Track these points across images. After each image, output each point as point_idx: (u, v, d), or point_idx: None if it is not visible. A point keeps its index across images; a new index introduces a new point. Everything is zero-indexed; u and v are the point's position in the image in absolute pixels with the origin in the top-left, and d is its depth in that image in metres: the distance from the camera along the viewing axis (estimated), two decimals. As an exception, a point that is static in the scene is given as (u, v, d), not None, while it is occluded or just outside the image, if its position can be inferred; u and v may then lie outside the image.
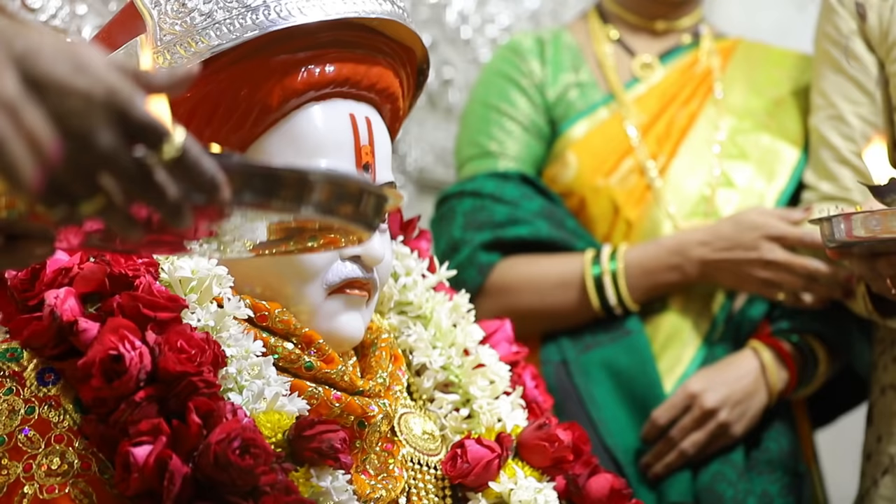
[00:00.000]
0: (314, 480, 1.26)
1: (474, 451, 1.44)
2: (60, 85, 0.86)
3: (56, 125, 0.86)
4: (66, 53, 0.87)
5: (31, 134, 0.84)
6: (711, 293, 2.08)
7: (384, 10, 1.38)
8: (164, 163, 0.89)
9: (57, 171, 0.87)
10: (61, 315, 1.24)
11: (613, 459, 1.96)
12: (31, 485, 1.21)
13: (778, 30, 2.85)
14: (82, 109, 0.87)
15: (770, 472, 2.00)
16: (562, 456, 1.50)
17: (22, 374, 1.25)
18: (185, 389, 1.21)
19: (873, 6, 1.92)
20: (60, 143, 0.86)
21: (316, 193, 0.96)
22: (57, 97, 0.86)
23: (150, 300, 1.25)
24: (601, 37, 2.23)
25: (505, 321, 1.64)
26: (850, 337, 2.06)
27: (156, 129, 0.89)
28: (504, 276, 2.05)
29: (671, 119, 2.15)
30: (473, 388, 1.51)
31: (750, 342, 2.04)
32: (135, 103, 0.89)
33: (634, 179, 2.10)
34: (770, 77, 2.21)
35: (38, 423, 1.23)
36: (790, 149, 2.13)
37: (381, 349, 1.44)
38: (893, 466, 1.90)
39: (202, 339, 1.24)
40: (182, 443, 1.19)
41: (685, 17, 2.24)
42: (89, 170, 0.88)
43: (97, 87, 0.87)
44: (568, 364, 2.03)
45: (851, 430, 2.01)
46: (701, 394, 1.97)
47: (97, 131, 0.87)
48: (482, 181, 2.11)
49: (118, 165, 0.89)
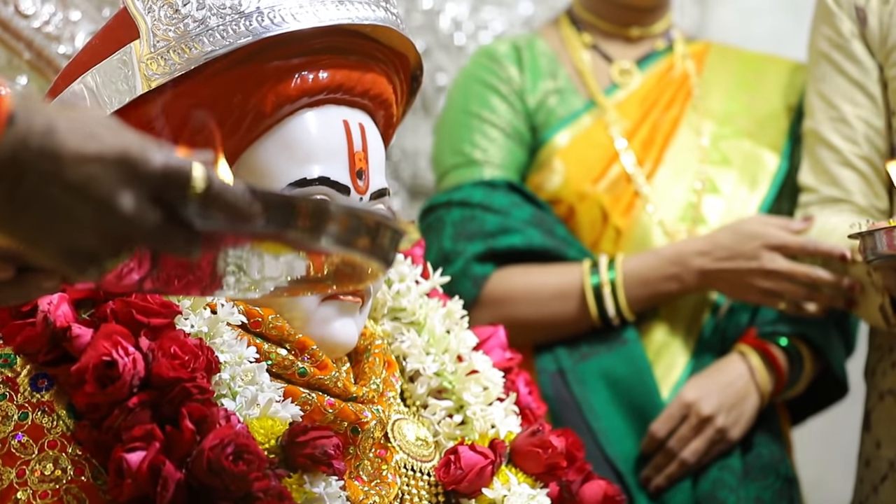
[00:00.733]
0: (307, 486, 1.26)
1: (468, 457, 1.44)
2: (75, 155, 0.89)
3: (78, 196, 0.89)
4: (78, 124, 0.90)
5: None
6: (700, 299, 2.08)
7: (378, 16, 1.38)
8: (193, 203, 0.91)
9: (85, 240, 0.91)
10: (55, 321, 1.24)
11: (615, 469, 1.96)
12: (25, 490, 1.21)
13: (773, 37, 2.85)
14: (99, 174, 0.89)
15: (763, 477, 2.00)
16: (555, 462, 1.50)
17: (15, 379, 1.25)
18: (178, 395, 1.21)
19: (873, 10, 1.92)
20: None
21: (333, 224, 0.97)
22: (74, 166, 0.89)
23: (143, 306, 1.25)
24: (576, 43, 2.22)
25: (498, 327, 1.64)
26: (831, 338, 2.07)
27: (176, 176, 0.91)
28: (499, 288, 2.04)
29: (654, 125, 2.15)
30: (467, 394, 1.51)
31: (737, 346, 2.04)
32: (148, 157, 0.91)
33: (622, 186, 2.10)
34: (744, 81, 2.21)
35: (31, 429, 1.23)
36: (770, 155, 2.14)
37: (375, 355, 1.44)
38: (893, 471, 1.90)
39: (195, 345, 1.24)
40: (175, 449, 1.19)
41: (658, 22, 2.23)
42: (114, 233, 0.91)
43: (109, 150, 0.90)
44: (565, 373, 2.02)
45: (843, 436, 2.01)
46: (696, 402, 1.97)
47: (117, 195, 0.90)
48: (470, 190, 2.09)
49: (143, 227, 0.91)
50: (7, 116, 0.88)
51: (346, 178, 1.37)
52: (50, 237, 0.91)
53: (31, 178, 0.88)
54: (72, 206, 0.90)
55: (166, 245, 0.93)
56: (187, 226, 0.92)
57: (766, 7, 3.21)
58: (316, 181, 1.36)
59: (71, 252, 0.92)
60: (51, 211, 0.90)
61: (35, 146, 0.88)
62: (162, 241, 0.92)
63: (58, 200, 0.90)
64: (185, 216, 0.92)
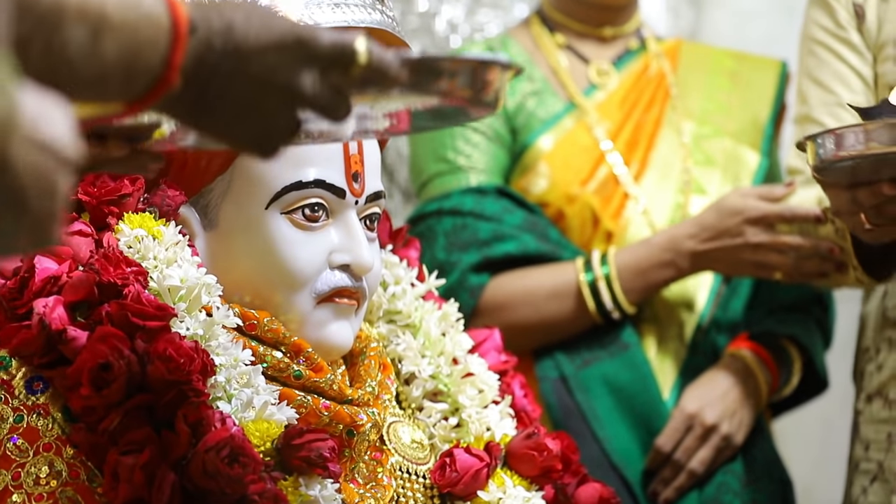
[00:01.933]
0: (303, 489, 1.26)
1: (463, 460, 1.45)
2: (255, 47, 0.93)
3: (263, 86, 0.95)
4: (247, 16, 0.94)
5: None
6: (692, 297, 2.08)
7: (374, 19, 1.38)
8: (355, 75, 0.98)
9: (272, 125, 0.98)
10: (50, 324, 1.24)
11: (622, 477, 1.95)
12: (20, 493, 1.21)
13: (767, 39, 2.86)
14: (280, 62, 0.94)
15: (756, 480, 2.00)
16: (550, 465, 1.50)
17: (10, 382, 1.25)
18: (174, 398, 1.21)
19: (871, 5, 1.92)
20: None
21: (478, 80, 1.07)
22: (257, 58, 0.94)
23: (138, 309, 1.25)
24: (549, 44, 2.20)
25: (494, 330, 1.64)
26: (815, 337, 2.08)
27: (343, 51, 0.97)
28: (496, 295, 2.02)
29: (637, 125, 2.14)
30: (462, 397, 1.51)
31: (730, 349, 2.04)
32: (317, 36, 0.96)
33: (611, 188, 2.09)
34: (718, 79, 2.21)
35: (26, 432, 1.23)
36: (751, 153, 2.14)
37: (370, 358, 1.44)
38: (882, 473, 1.90)
39: (191, 348, 1.24)
40: (171, 451, 1.19)
41: (629, 21, 2.22)
42: (295, 113, 0.98)
43: (285, 36, 0.94)
44: (567, 380, 2.01)
45: (836, 439, 2.02)
46: (699, 412, 1.96)
47: (299, 78, 0.95)
48: (459, 198, 2.06)
49: (319, 103, 0.97)
50: (188, 25, 0.91)
51: (341, 180, 1.37)
52: (240, 129, 0.97)
53: (219, 78, 0.93)
54: (258, 96, 0.95)
55: (331, 115, 0.99)
56: (346, 95, 0.99)
57: (761, 9, 3.21)
58: (312, 184, 1.36)
59: (261, 138, 0.98)
60: (239, 104, 0.95)
61: (219, 46, 0.92)
62: (330, 112, 0.98)
63: (245, 93, 0.94)
64: (345, 86, 0.98)
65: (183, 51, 0.91)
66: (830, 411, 2.21)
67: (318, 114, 0.99)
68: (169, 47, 0.91)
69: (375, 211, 1.43)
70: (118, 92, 0.92)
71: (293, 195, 1.36)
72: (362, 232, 1.39)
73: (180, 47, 0.91)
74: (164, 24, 0.91)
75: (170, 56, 0.91)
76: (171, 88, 0.93)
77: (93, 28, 0.86)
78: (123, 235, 1.33)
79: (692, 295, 2.08)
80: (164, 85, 0.92)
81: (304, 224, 1.37)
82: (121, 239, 1.33)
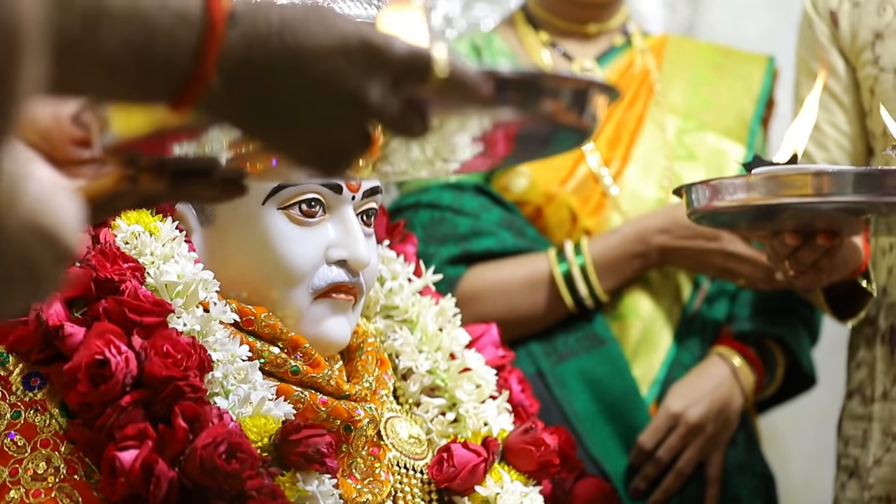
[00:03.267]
0: (300, 485, 1.26)
1: (460, 455, 1.45)
2: (316, 49, 0.84)
3: (324, 92, 0.85)
4: (307, 15, 0.85)
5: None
6: (676, 295, 2.08)
7: (369, 14, 1.38)
8: (432, 87, 0.87)
9: (334, 137, 0.88)
10: (47, 320, 1.24)
11: (602, 471, 1.95)
12: (18, 489, 1.21)
13: (765, 36, 2.85)
14: (345, 67, 0.85)
15: (739, 475, 2.01)
16: (548, 460, 1.50)
17: (8, 378, 1.25)
18: (171, 394, 1.21)
19: (845, 13, 1.93)
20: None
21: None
22: (317, 61, 0.84)
23: (136, 305, 1.25)
24: (533, 42, 2.19)
25: (491, 325, 1.64)
26: (801, 336, 2.09)
27: (420, 62, 0.87)
28: (471, 286, 2.01)
29: (619, 122, 2.13)
30: (460, 392, 1.51)
31: (715, 348, 2.04)
32: (390, 43, 0.86)
33: (590, 186, 2.08)
34: (703, 74, 2.20)
35: (24, 428, 1.23)
36: (735, 147, 2.14)
37: (368, 353, 1.45)
38: (857, 469, 1.92)
39: (188, 344, 1.24)
40: (168, 447, 1.19)
41: (614, 17, 2.21)
42: (362, 126, 0.88)
43: (351, 40, 0.85)
44: (544, 375, 2.01)
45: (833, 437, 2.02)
46: (684, 412, 1.96)
47: (366, 86, 0.85)
48: (438, 192, 2.06)
49: (388, 116, 0.87)
50: (227, 17, 0.83)
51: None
52: (300, 138, 0.88)
53: (272, 79, 0.84)
54: (318, 104, 0.86)
55: (404, 131, 0.89)
56: (423, 110, 0.88)
57: (758, 6, 3.21)
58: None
59: (322, 152, 0.89)
60: (296, 111, 0.86)
61: (270, 44, 0.83)
62: (402, 128, 0.88)
63: (304, 99, 0.85)
64: (421, 100, 0.88)
65: (218, 44, 0.82)
66: (829, 407, 2.21)
67: (389, 129, 0.89)
68: (200, 39, 0.82)
69: (372, 206, 1.43)
70: (137, 88, 0.84)
71: (290, 190, 1.36)
72: (359, 227, 1.39)
73: (215, 40, 0.82)
74: (192, 14, 0.82)
75: (201, 49, 0.82)
76: (208, 85, 0.83)
77: (85, 14, 0.78)
78: (120, 231, 1.33)
79: (676, 289, 2.08)
80: (200, 81, 0.83)
81: (301, 219, 1.37)
82: (117, 235, 1.33)
